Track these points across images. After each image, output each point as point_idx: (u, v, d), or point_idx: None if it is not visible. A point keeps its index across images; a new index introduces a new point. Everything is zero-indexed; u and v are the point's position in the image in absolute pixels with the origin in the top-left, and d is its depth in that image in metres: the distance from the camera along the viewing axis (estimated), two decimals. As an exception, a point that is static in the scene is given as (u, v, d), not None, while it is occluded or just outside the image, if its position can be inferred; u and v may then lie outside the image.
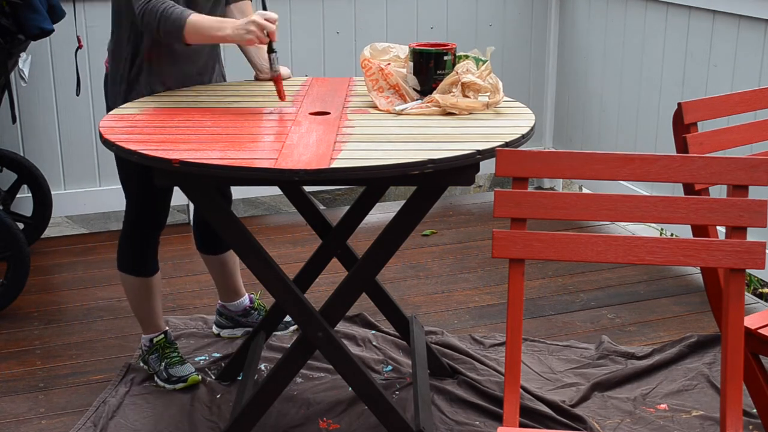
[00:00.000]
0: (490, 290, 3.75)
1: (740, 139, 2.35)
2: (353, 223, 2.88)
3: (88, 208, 4.42)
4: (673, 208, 1.89)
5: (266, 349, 3.17)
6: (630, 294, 3.71)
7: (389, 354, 3.17)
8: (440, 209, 4.67)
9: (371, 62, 2.63)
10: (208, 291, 3.69)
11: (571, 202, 1.93)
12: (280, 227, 4.49)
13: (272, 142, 2.26)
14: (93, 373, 3.12)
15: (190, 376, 2.97)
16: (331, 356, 2.40)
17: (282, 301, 2.40)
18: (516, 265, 1.93)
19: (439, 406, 2.87)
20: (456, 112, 2.49)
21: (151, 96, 2.69)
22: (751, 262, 1.86)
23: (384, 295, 2.94)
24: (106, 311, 3.58)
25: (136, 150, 2.16)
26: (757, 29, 3.57)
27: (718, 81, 3.81)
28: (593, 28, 4.63)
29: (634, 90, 4.36)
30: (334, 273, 3.41)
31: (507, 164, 1.93)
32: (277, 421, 2.78)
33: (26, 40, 3.51)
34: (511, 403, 1.88)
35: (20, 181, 4.06)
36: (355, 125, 2.41)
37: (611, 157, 1.92)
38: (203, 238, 3.14)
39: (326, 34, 4.56)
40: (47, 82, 4.18)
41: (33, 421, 2.84)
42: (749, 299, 3.62)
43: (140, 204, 2.81)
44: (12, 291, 3.48)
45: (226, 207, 2.33)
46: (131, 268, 2.90)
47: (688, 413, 2.84)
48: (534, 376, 3.05)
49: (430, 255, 4.12)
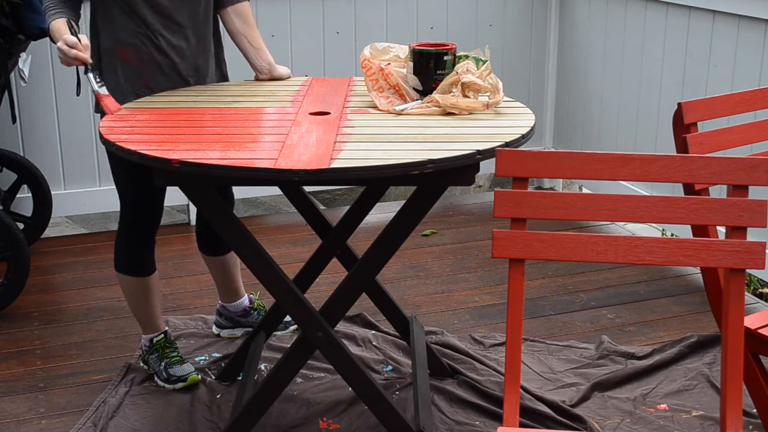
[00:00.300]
0: (490, 290, 3.76)
1: (740, 139, 2.35)
2: (353, 223, 2.88)
3: (88, 208, 4.42)
4: (673, 208, 1.89)
5: (266, 349, 3.17)
6: (630, 294, 3.71)
7: (389, 354, 3.17)
8: (440, 209, 4.67)
9: (371, 62, 2.63)
10: (208, 291, 3.69)
11: (571, 202, 1.93)
12: (280, 227, 4.49)
13: (272, 142, 2.26)
14: (93, 373, 3.12)
15: (190, 376, 2.97)
16: (331, 356, 2.40)
17: (282, 301, 2.40)
18: (516, 265, 1.93)
19: (439, 406, 2.87)
20: (456, 112, 2.49)
21: (151, 96, 2.70)
22: (751, 262, 1.86)
23: (384, 295, 2.94)
24: (106, 311, 3.58)
25: (136, 150, 2.16)
26: (757, 29, 3.57)
27: (718, 81, 3.81)
28: (593, 28, 4.63)
29: (634, 90, 4.36)
30: (334, 273, 3.41)
31: (507, 164, 1.93)
32: (277, 421, 2.78)
33: (26, 40, 3.52)
34: (511, 403, 1.88)
35: (20, 181, 4.06)
36: (355, 125, 2.41)
37: (611, 157, 1.92)
38: (204, 239, 3.14)
39: (326, 34, 4.56)
40: (47, 82, 4.17)
41: (33, 421, 2.84)
42: (749, 299, 3.62)
43: (136, 204, 2.81)
44: (12, 291, 3.48)
45: (226, 207, 2.33)
46: (128, 269, 2.90)
47: (688, 413, 2.84)
48: (534, 376, 3.05)
49: (430, 255, 4.13)
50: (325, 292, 3.30)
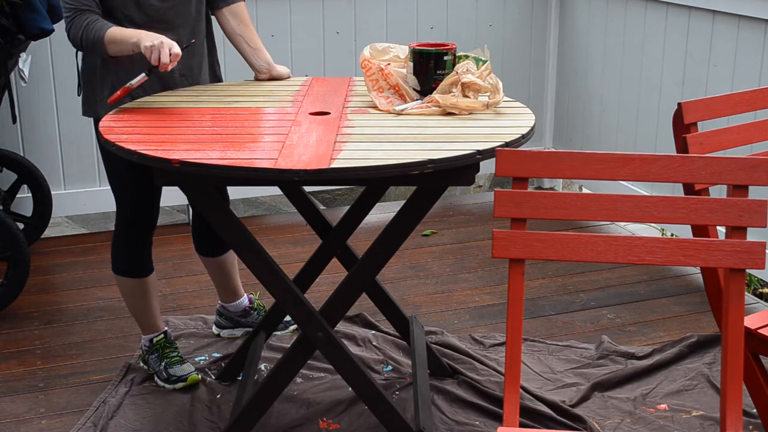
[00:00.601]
0: (490, 290, 3.76)
1: (740, 139, 2.35)
2: (353, 223, 2.88)
3: (88, 208, 4.42)
4: (673, 208, 1.89)
5: (266, 349, 3.17)
6: (630, 294, 3.71)
7: (389, 354, 3.17)
8: (440, 209, 4.67)
9: (371, 62, 2.63)
10: (208, 291, 3.69)
11: (571, 202, 1.93)
12: (280, 227, 4.49)
13: (272, 142, 2.26)
14: (93, 373, 3.12)
15: (190, 376, 2.97)
16: (331, 356, 2.40)
17: (282, 301, 2.40)
18: (516, 265, 1.93)
19: (439, 406, 2.87)
20: (456, 112, 2.49)
21: (150, 96, 2.70)
22: (751, 262, 1.86)
23: (384, 295, 2.94)
24: (106, 311, 3.58)
25: (136, 150, 2.16)
26: (757, 29, 3.57)
27: (718, 81, 3.81)
28: (593, 28, 4.63)
29: (634, 90, 4.36)
30: (334, 273, 3.41)
31: (507, 164, 1.93)
32: (277, 421, 2.78)
33: (26, 40, 3.51)
34: (511, 403, 1.88)
35: (20, 181, 4.06)
36: (355, 125, 2.41)
37: (611, 157, 1.92)
38: (202, 241, 3.14)
39: (326, 34, 4.56)
40: (47, 82, 4.18)
41: (33, 421, 2.84)
42: (749, 299, 3.62)
43: (136, 203, 2.81)
44: (12, 291, 3.48)
45: (225, 207, 2.33)
46: (127, 270, 2.90)
47: (688, 413, 2.84)
48: (534, 376, 3.05)
49: (430, 255, 4.13)
50: (325, 292, 3.30)
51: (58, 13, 3.60)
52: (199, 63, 2.84)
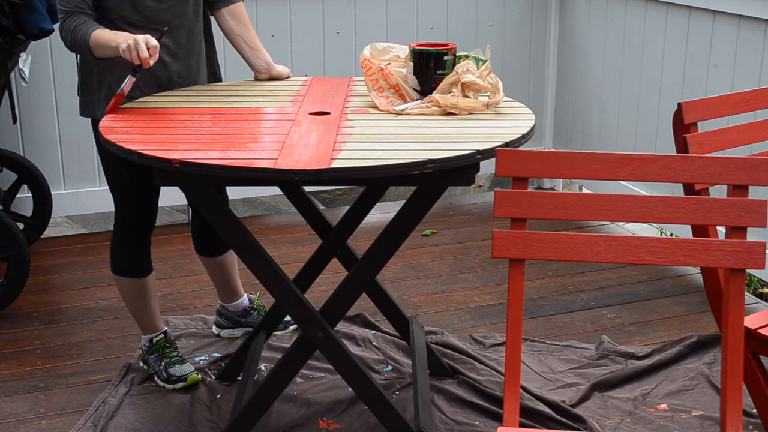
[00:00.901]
0: (490, 290, 3.75)
1: (740, 139, 2.35)
2: (353, 223, 2.88)
3: (88, 208, 4.42)
4: (673, 208, 1.89)
5: (266, 349, 3.17)
6: (630, 294, 3.71)
7: (389, 354, 3.17)
8: (440, 209, 4.67)
9: (371, 62, 2.63)
10: (208, 291, 3.69)
11: (571, 202, 1.93)
12: (280, 227, 4.49)
13: (272, 142, 2.26)
14: (93, 373, 3.12)
15: (190, 376, 2.97)
16: (331, 356, 2.40)
17: (282, 301, 2.40)
18: (516, 265, 1.93)
19: (439, 406, 2.87)
20: (456, 112, 2.49)
21: (150, 96, 2.69)
22: (751, 262, 1.86)
23: (384, 295, 2.94)
24: (106, 311, 3.58)
25: (136, 150, 2.16)
26: (757, 29, 3.57)
27: (718, 81, 3.81)
28: (593, 28, 4.63)
29: (634, 90, 4.36)
30: (334, 273, 3.41)
31: (507, 164, 1.93)
32: (277, 421, 2.78)
33: (26, 40, 3.52)
34: (511, 403, 1.88)
35: (20, 181, 4.06)
36: (355, 125, 2.41)
37: (611, 157, 1.92)
38: (201, 241, 3.14)
39: (326, 34, 4.56)
40: (47, 82, 4.18)
41: (33, 421, 2.84)
42: (749, 299, 3.62)
43: (134, 204, 2.81)
44: (12, 291, 3.48)
45: (225, 207, 2.33)
46: (126, 270, 2.90)
47: (688, 413, 2.84)
48: (534, 376, 3.05)
49: (430, 255, 4.13)
50: (325, 292, 3.30)
51: (57, 13, 3.60)
52: (197, 63, 2.83)
